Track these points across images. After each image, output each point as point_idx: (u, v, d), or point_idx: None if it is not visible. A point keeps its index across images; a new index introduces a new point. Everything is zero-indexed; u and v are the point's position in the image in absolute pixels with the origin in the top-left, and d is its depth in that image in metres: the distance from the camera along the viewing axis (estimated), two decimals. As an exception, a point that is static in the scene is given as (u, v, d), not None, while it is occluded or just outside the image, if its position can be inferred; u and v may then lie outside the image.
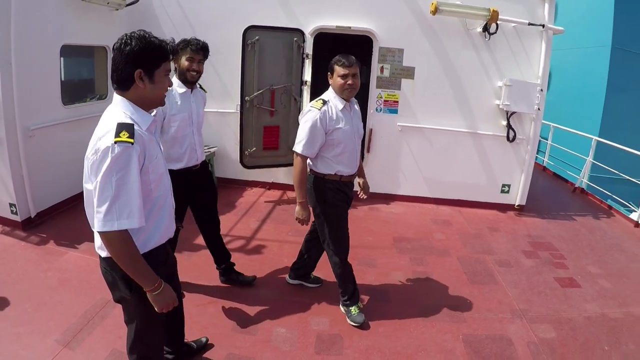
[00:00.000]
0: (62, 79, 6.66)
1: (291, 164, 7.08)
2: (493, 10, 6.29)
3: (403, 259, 5.58)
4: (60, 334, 3.71)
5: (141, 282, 2.29)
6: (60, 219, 5.92)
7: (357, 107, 4.11)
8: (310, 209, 4.07)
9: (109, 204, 2.09)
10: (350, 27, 6.81)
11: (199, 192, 4.26)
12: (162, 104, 2.48)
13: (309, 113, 3.78)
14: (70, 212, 6.12)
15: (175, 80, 3.94)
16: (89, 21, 6.29)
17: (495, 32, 6.65)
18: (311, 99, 6.96)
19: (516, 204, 7.40)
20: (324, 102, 3.80)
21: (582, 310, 4.71)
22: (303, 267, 4.71)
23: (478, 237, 6.39)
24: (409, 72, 6.97)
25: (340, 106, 3.83)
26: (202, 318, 4.11)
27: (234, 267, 4.74)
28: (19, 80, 5.18)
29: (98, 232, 2.15)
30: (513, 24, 6.68)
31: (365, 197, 4.39)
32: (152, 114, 2.53)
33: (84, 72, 7.55)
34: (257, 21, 6.67)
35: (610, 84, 11.96)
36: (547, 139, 10.63)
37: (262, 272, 4.95)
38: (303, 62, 6.96)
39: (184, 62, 3.88)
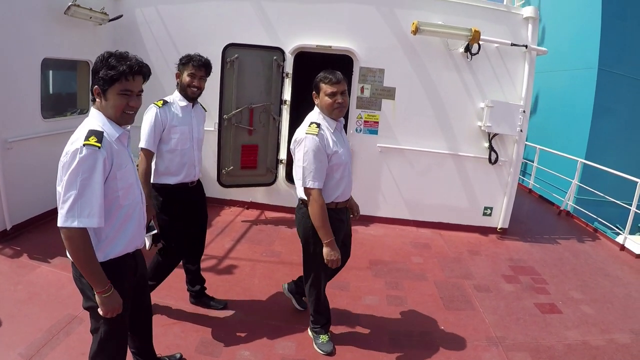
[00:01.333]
0: (50, 91, 6.73)
1: (269, 184, 7.16)
2: (475, 31, 6.17)
3: (378, 283, 5.38)
4: (24, 347, 3.63)
5: (92, 283, 2.37)
6: (36, 233, 5.79)
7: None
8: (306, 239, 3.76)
9: (72, 201, 2.22)
10: (330, 47, 6.70)
11: (191, 211, 4.15)
12: (122, 121, 2.49)
13: (308, 140, 3.42)
14: (46, 226, 5.98)
15: (176, 94, 3.94)
16: (71, 35, 6.23)
17: (478, 53, 6.54)
18: (291, 118, 6.95)
19: (498, 227, 7.22)
20: (318, 126, 3.48)
21: (562, 338, 4.52)
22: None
23: (457, 260, 6.20)
24: (390, 93, 6.84)
25: (332, 128, 3.55)
26: (165, 338, 3.93)
27: (206, 290, 4.56)
28: None
29: (59, 227, 2.25)
30: (496, 45, 6.59)
31: (357, 217, 4.19)
32: (127, 128, 2.57)
33: (67, 86, 7.46)
34: (238, 39, 6.59)
35: (596, 105, 11.85)
36: (533, 161, 10.47)
37: (232, 293, 4.76)
38: (283, 81, 6.84)
39: (186, 77, 3.85)
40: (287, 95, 6.94)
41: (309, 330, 4.18)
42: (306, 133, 3.45)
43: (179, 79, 3.92)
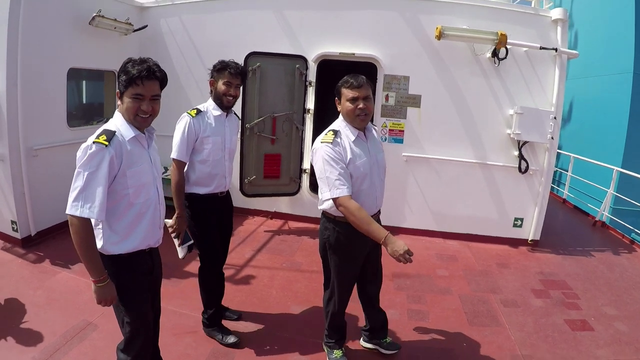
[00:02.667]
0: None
1: (292, 194, 7.03)
2: (501, 34, 5.91)
3: (399, 296, 5.16)
4: (38, 352, 3.66)
5: (89, 271, 2.48)
6: (60, 239, 5.85)
7: (375, 133, 3.56)
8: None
9: (77, 192, 2.38)
10: (354, 54, 6.55)
11: (219, 222, 4.02)
12: (136, 124, 2.58)
13: (322, 150, 3.20)
14: (69, 233, 5.90)
15: (210, 102, 3.82)
16: (97, 46, 6.32)
17: (505, 57, 6.27)
18: (314, 127, 6.82)
19: (529, 239, 6.86)
20: (335, 133, 3.25)
21: (593, 357, 4.21)
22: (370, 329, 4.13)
23: (485, 274, 5.90)
24: (415, 100, 6.63)
25: (353, 137, 3.27)
26: (177, 347, 3.87)
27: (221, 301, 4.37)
28: (24, 101, 5.27)
29: (67, 213, 2.40)
30: (524, 49, 6.30)
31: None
32: (150, 130, 2.75)
33: (99, 96, 7.54)
34: (260, 48, 6.52)
35: (633, 111, 11.19)
36: (567, 171, 10.03)
37: (248, 304, 4.64)
38: (306, 89, 6.73)
39: (221, 86, 3.71)
40: (310, 104, 6.83)
41: (323, 344, 4.00)
42: (321, 142, 3.25)
43: (213, 87, 3.78)
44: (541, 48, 6.20)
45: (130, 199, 2.57)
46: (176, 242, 3.81)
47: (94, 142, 2.40)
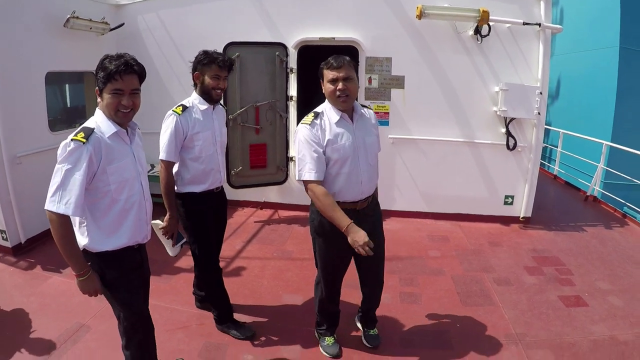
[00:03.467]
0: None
1: (280, 182, 6.87)
2: (483, 11, 5.73)
3: (391, 280, 5.01)
4: (32, 358, 3.60)
5: (71, 265, 2.49)
6: (50, 244, 5.46)
7: (367, 113, 3.39)
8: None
9: (55, 188, 2.37)
10: (334, 38, 6.36)
11: (215, 217, 3.88)
12: (117, 120, 2.55)
13: (300, 131, 3.18)
14: None
15: (195, 96, 3.61)
16: (74, 47, 6.13)
17: (488, 34, 6.09)
18: (298, 114, 6.63)
19: (521, 216, 6.73)
20: (316, 115, 3.18)
21: (588, 333, 4.09)
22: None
23: (477, 253, 5.78)
24: (399, 82, 6.46)
25: (336, 118, 3.16)
26: (169, 344, 3.77)
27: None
28: (4, 109, 5.13)
29: (45, 209, 2.38)
30: (507, 25, 6.11)
31: None
32: (132, 126, 2.71)
33: (79, 98, 7.39)
34: (239, 37, 6.32)
35: (620, 86, 10.99)
36: (557, 147, 9.87)
37: (239, 296, 4.51)
38: (287, 76, 6.56)
39: (209, 80, 3.51)
40: (292, 91, 6.66)
41: (315, 331, 3.92)
42: (301, 123, 3.19)
43: (199, 81, 3.56)
44: (524, 24, 6.03)
45: (112, 195, 2.54)
46: (168, 242, 3.69)
47: (72, 140, 2.38)
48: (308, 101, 6.70)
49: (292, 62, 6.54)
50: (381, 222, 3.60)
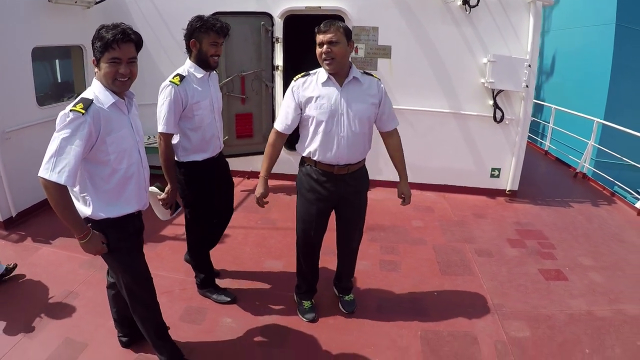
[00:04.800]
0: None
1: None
2: (470, -20, 5.43)
3: (372, 247, 4.92)
4: (22, 323, 3.61)
5: (70, 228, 2.48)
6: (41, 217, 5.63)
7: (367, 82, 3.25)
8: None
9: (50, 156, 2.34)
10: (320, 7, 6.11)
11: (219, 182, 3.82)
12: (115, 89, 2.51)
13: (290, 85, 3.29)
14: (50, 211, 5.73)
15: (189, 63, 3.42)
16: (60, 22, 5.91)
17: (477, 5, 5.80)
18: (284, 84, 6.42)
19: (507, 189, 6.52)
20: (307, 74, 3.24)
21: (565, 307, 3.97)
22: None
23: (460, 224, 5.63)
24: (386, 51, 6.20)
25: (323, 79, 3.15)
26: None
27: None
28: None
29: (38, 176, 2.36)
30: (498, -4, 5.84)
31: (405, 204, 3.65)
32: (129, 96, 2.67)
33: (66, 73, 7.17)
34: (224, 7, 6.05)
35: (615, 63, 10.57)
36: (549, 122, 9.58)
37: (221, 262, 4.43)
38: (273, 46, 6.32)
39: (208, 47, 3.33)
40: (278, 60, 6.42)
41: (294, 295, 3.93)
42: (294, 79, 3.31)
43: (195, 48, 3.36)
44: (515, -6, 5.75)
45: (112, 164, 2.54)
46: (165, 211, 3.58)
47: (70, 110, 2.34)
48: (296, 70, 6.49)
49: (278, 31, 6.30)
50: (363, 195, 3.56)
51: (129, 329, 3.28)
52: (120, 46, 2.40)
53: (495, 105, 6.15)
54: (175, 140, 3.46)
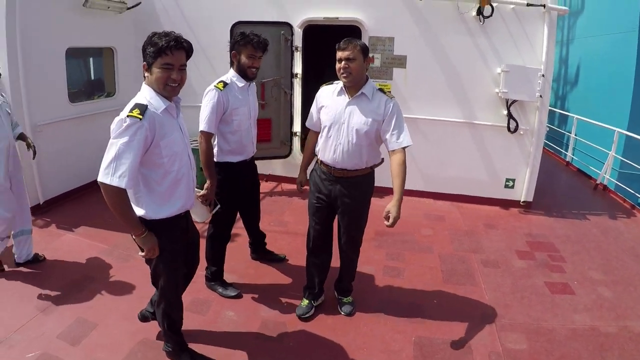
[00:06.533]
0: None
1: (284, 156, 6.72)
2: (484, -9, 5.27)
3: (378, 254, 4.84)
4: (41, 301, 3.81)
5: (129, 228, 2.55)
6: (66, 206, 5.90)
7: (377, 99, 3.30)
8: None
9: (109, 161, 2.35)
10: (337, 18, 6.08)
11: (248, 184, 4.09)
12: (165, 93, 2.55)
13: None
14: (75, 200, 6.12)
15: (232, 73, 3.70)
16: (93, 25, 6.14)
17: (491, 15, 5.64)
18: (302, 91, 6.51)
19: (521, 200, 6.27)
20: (330, 84, 3.50)
21: (568, 321, 3.77)
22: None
23: (470, 234, 5.44)
24: (401, 61, 6.10)
25: (338, 89, 3.39)
26: None
27: (265, 246, 4.68)
28: (26, 82, 5.28)
29: (98, 180, 2.38)
30: (511, 6, 5.65)
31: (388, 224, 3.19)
32: (176, 100, 2.69)
33: (97, 72, 7.42)
34: (246, 17, 6.15)
35: (638, 72, 9.88)
36: (571, 133, 9.18)
37: (230, 258, 4.31)
38: (292, 55, 6.33)
39: (245, 59, 3.61)
40: (297, 68, 6.43)
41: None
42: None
43: (236, 59, 3.65)
44: (528, 5, 5.56)
45: (165, 167, 2.59)
46: (203, 208, 3.71)
47: (128, 116, 2.37)
48: (317, 78, 6.45)
49: (298, 40, 6.31)
50: (360, 203, 3.56)
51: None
52: (173, 53, 2.45)
53: (509, 115, 5.95)
54: (213, 141, 3.71)
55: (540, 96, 5.76)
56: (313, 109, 3.57)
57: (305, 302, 3.84)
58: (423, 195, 6.51)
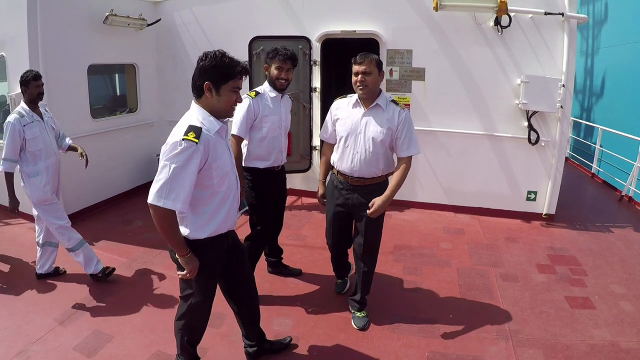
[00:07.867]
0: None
1: (304, 170, 6.77)
2: (500, 1, 5.22)
3: (396, 267, 4.79)
4: (59, 314, 3.92)
5: (175, 249, 2.54)
6: (88, 220, 6.02)
7: (391, 111, 3.50)
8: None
9: (162, 184, 2.35)
10: (355, 31, 6.11)
11: (275, 193, 4.21)
12: (228, 115, 2.61)
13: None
14: (97, 215, 6.25)
15: (266, 85, 3.96)
16: (114, 42, 6.34)
17: (509, 25, 5.58)
18: (321, 105, 6.55)
19: (544, 213, 6.12)
20: (344, 97, 3.68)
21: (588, 337, 3.64)
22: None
23: (490, 247, 5.33)
24: (420, 74, 6.08)
25: (353, 101, 3.56)
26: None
27: (282, 260, 4.72)
28: (49, 98, 5.24)
29: (148, 203, 2.38)
30: (529, 15, 5.57)
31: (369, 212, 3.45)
32: (225, 121, 2.67)
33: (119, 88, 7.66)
34: (264, 32, 6.29)
35: None
36: (596, 144, 8.93)
37: None
38: (311, 69, 6.38)
39: (274, 70, 3.86)
40: (316, 82, 6.46)
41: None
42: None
43: (267, 72, 3.91)
44: (546, 13, 5.46)
45: (215, 188, 2.58)
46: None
47: (183, 139, 2.36)
48: (337, 90, 6.48)
49: (316, 54, 6.36)
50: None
51: (255, 339, 3.36)
52: (242, 78, 2.54)
53: (530, 127, 5.84)
54: (243, 145, 3.92)
55: (562, 107, 5.64)
56: (328, 121, 3.71)
57: (340, 281, 4.31)
58: (443, 208, 6.44)
